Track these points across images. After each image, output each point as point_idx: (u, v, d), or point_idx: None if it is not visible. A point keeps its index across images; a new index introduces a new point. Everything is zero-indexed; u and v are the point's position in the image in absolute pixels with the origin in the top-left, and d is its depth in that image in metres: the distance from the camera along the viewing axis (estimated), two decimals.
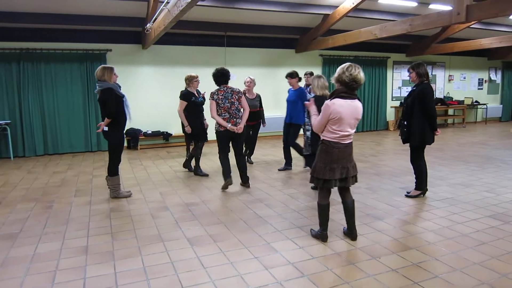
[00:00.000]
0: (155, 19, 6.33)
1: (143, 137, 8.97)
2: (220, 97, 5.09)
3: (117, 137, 4.94)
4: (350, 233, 3.55)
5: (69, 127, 8.53)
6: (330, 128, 3.29)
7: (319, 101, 4.08)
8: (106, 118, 4.78)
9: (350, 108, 3.24)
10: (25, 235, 3.85)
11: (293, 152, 6.52)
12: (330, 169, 3.31)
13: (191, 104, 6.10)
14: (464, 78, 13.36)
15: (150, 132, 9.08)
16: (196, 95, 6.25)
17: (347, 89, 3.23)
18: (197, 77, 6.30)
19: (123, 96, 4.93)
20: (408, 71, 4.75)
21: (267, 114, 10.24)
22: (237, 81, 9.78)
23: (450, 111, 12.90)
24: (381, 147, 8.86)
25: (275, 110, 10.13)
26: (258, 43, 10.03)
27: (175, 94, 9.09)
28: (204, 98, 6.36)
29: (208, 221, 4.12)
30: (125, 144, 9.03)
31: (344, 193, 3.52)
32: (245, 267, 3.06)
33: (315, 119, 3.41)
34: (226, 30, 9.18)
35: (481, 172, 6.11)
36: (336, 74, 3.27)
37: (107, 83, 4.76)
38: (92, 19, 7.81)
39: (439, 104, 12.08)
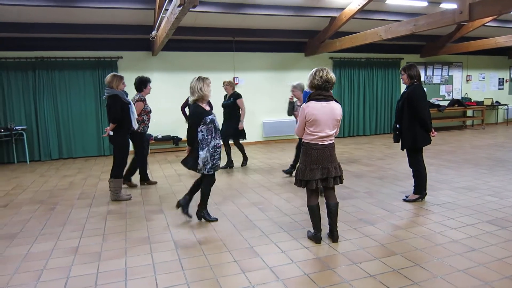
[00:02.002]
0: (158, 26, 6.47)
1: (153, 141, 9.15)
2: None
3: (122, 141, 5.11)
4: (331, 234, 3.55)
5: (82, 132, 8.81)
6: (308, 130, 3.39)
7: None
8: (111, 123, 4.96)
9: (325, 110, 3.34)
10: (24, 235, 4.02)
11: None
12: (310, 170, 3.38)
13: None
14: (483, 78, 12.91)
15: (160, 136, 9.26)
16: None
17: (321, 91, 3.35)
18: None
19: (129, 103, 5.10)
20: (400, 73, 4.68)
21: (276, 118, 10.30)
22: (245, 86, 9.88)
23: (469, 113, 12.49)
24: (391, 150, 8.68)
25: (285, 114, 10.08)
26: (266, 47, 10.07)
27: (184, 98, 9.27)
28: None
29: (198, 225, 4.17)
30: None
31: (328, 194, 3.53)
32: (222, 270, 3.08)
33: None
34: (234, 36, 9.27)
35: (490, 176, 5.90)
36: (308, 81, 3.43)
37: (114, 90, 4.96)
38: (103, 28, 8.07)
39: (456, 105, 11.73)
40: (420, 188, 4.72)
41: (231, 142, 7.14)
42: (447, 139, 10.09)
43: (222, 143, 6.03)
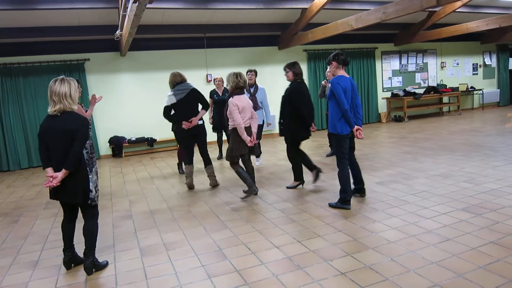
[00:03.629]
0: (122, 26, 6.22)
1: (127, 144, 8.88)
2: None
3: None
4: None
5: None
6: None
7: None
8: (202, 111, 5.47)
9: (245, 100, 4.76)
10: (4, 247, 3.79)
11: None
12: (243, 146, 4.71)
13: (214, 101, 7.14)
14: (458, 64, 13.00)
15: (134, 138, 8.99)
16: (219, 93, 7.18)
17: (239, 89, 4.70)
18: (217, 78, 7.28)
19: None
20: (284, 70, 4.95)
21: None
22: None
23: (445, 99, 12.57)
24: (369, 140, 8.62)
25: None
26: (239, 42, 9.88)
27: (157, 99, 9.04)
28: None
29: (167, 229, 4.00)
30: (110, 152, 9.03)
31: (247, 162, 4.95)
32: (188, 276, 2.92)
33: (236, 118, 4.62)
34: (205, 32, 9.06)
35: (465, 162, 5.88)
36: (233, 84, 4.69)
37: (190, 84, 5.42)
38: (67, 30, 7.76)
39: (432, 92, 11.79)
40: (298, 176, 5.11)
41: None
42: (424, 126, 10.12)
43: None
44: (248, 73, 6.39)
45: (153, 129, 9.17)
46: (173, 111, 5.32)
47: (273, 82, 9.84)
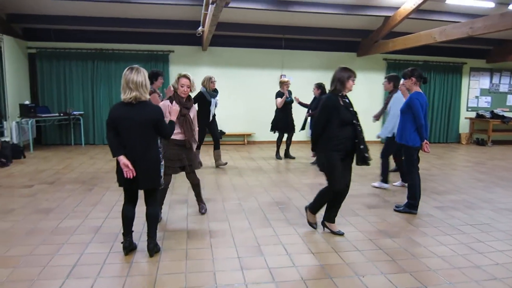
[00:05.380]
0: (204, 22, 6.64)
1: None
2: None
3: None
4: None
5: None
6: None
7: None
8: None
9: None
10: (58, 211, 4.38)
11: None
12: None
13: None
14: None
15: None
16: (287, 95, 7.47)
17: None
18: (287, 81, 7.55)
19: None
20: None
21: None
22: (293, 84, 9.76)
23: None
24: (440, 161, 8.13)
25: None
26: (316, 46, 9.89)
27: (231, 94, 9.47)
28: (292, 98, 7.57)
29: (215, 218, 4.25)
30: None
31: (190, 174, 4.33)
32: (223, 264, 3.12)
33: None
34: (283, 33, 9.23)
35: None
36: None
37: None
38: (156, 23, 8.47)
39: None
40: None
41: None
42: (508, 154, 9.23)
43: None
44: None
45: (224, 123, 9.59)
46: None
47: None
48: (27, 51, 8.79)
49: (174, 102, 3.87)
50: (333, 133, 3.53)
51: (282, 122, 7.54)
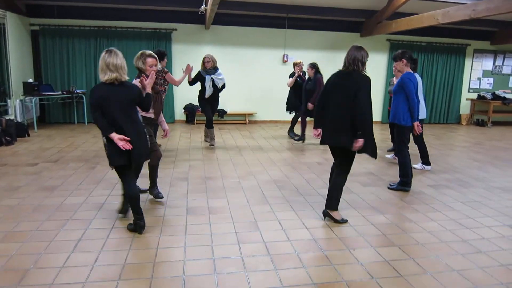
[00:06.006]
0: (206, 1, 6.64)
1: (199, 112, 9.52)
2: None
3: None
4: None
5: None
6: None
7: None
8: None
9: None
10: (63, 188, 4.53)
11: None
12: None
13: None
14: None
15: None
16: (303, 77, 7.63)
17: None
18: (299, 62, 7.63)
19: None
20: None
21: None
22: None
23: None
24: (440, 141, 8.21)
25: None
26: (320, 25, 9.83)
27: (232, 73, 9.50)
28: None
29: (215, 195, 4.40)
30: (184, 118, 9.78)
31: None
32: (221, 239, 3.28)
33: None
34: (287, 12, 9.17)
35: None
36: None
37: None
38: (159, 0, 8.42)
39: None
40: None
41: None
42: (507, 135, 9.30)
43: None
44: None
45: (226, 102, 9.66)
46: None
47: None
48: (30, 28, 8.80)
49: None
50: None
51: (291, 102, 7.72)
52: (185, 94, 9.57)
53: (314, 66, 7.15)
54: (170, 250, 3.08)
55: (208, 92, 6.55)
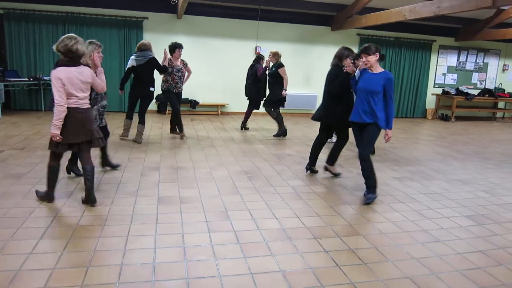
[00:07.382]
0: None
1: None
2: None
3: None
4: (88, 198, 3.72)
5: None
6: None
7: None
8: None
9: (75, 74, 3.51)
10: (30, 176, 4.45)
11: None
12: (76, 132, 3.59)
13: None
14: None
15: None
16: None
17: (68, 58, 3.46)
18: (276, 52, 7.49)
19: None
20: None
21: (297, 91, 10.22)
22: (266, 56, 9.84)
23: (501, 104, 11.92)
24: (405, 135, 8.53)
25: (306, 88, 10.11)
26: (291, 17, 9.93)
27: (205, 63, 9.46)
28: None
29: (186, 185, 4.43)
30: (155, 108, 9.67)
31: (86, 157, 3.77)
32: (192, 227, 3.33)
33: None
34: (259, 4, 9.19)
35: (493, 172, 5.76)
36: (54, 45, 3.46)
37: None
38: None
39: (487, 95, 11.20)
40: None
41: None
42: (469, 129, 9.77)
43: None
44: None
45: (197, 93, 9.64)
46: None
47: (324, 63, 9.85)
48: None
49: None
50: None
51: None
52: (158, 84, 9.43)
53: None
54: (141, 237, 3.10)
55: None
